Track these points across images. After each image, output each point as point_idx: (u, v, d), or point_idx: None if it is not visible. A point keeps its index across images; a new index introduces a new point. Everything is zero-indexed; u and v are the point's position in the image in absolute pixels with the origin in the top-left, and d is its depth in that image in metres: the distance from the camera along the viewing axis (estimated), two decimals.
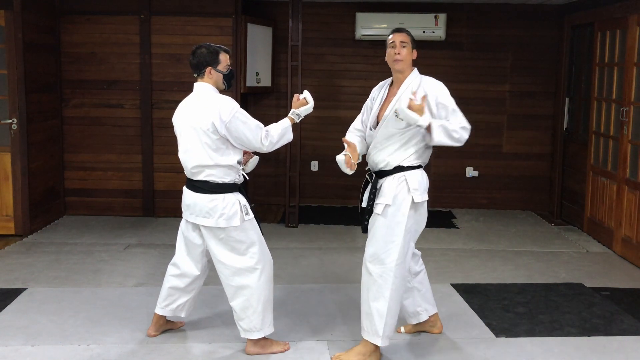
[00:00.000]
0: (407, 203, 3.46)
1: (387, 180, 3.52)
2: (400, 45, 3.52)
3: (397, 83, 3.61)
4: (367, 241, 3.54)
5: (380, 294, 3.44)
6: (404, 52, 3.51)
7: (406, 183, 3.47)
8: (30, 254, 5.44)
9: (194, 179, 3.51)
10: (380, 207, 3.49)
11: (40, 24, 6.25)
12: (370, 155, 3.64)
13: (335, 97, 7.39)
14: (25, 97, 5.88)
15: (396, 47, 3.52)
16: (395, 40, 3.53)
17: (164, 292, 3.76)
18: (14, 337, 3.76)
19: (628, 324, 4.10)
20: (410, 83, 3.53)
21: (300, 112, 3.67)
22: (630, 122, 5.55)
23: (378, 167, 3.58)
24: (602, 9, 6.09)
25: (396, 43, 3.53)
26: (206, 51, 3.48)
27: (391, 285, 3.43)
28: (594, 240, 6.16)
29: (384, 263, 3.44)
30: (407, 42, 3.53)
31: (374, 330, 3.46)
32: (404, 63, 3.53)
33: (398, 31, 3.57)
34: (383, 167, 3.55)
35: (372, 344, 3.50)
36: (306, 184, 7.42)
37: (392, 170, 3.51)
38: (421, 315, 3.83)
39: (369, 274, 3.49)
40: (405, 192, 3.46)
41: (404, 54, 3.51)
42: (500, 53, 7.27)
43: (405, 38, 3.54)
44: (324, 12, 7.27)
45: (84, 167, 6.78)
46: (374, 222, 3.53)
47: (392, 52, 3.54)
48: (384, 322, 3.44)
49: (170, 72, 6.62)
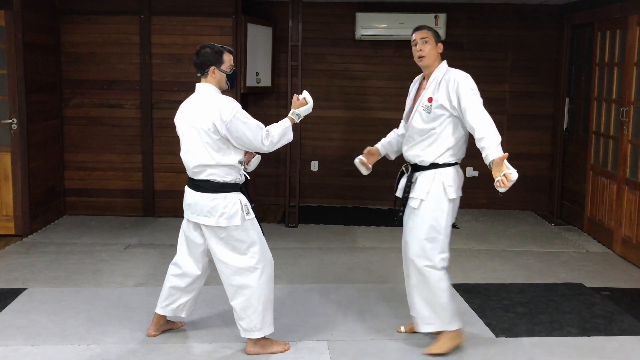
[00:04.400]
0: (444, 199, 3.53)
1: (423, 175, 3.59)
2: (422, 42, 3.56)
3: (427, 76, 3.66)
4: (408, 237, 3.61)
5: (435, 287, 3.55)
6: (427, 48, 3.56)
7: (441, 179, 3.53)
8: (30, 254, 5.44)
9: (195, 178, 3.52)
10: (416, 202, 3.56)
11: (40, 24, 6.25)
12: (405, 148, 3.71)
13: (335, 97, 7.39)
14: (25, 97, 5.88)
15: (418, 45, 3.57)
16: (416, 39, 3.59)
17: (164, 292, 3.77)
18: (14, 337, 3.76)
19: (628, 324, 4.10)
20: (436, 77, 3.56)
21: (300, 112, 3.67)
22: (630, 122, 5.55)
23: (413, 162, 3.65)
24: (602, 9, 6.09)
25: (417, 41, 3.58)
26: (210, 51, 3.49)
27: (441, 277, 3.56)
28: (594, 240, 6.16)
29: (432, 259, 3.55)
30: (428, 37, 3.56)
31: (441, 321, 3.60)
32: (428, 59, 3.57)
33: (418, 29, 3.62)
34: (418, 162, 3.61)
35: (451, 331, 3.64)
36: (306, 184, 7.42)
37: (427, 166, 3.57)
38: None
39: (418, 272, 3.58)
40: (440, 189, 3.53)
41: (426, 50, 3.56)
42: (500, 53, 7.27)
43: (426, 34, 3.58)
44: (324, 12, 7.27)
45: (84, 167, 6.78)
46: (410, 217, 3.60)
47: (415, 50, 3.60)
48: (450, 311, 3.60)
49: (170, 72, 6.62)
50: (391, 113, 7.38)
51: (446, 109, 3.50)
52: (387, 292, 4.63)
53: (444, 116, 3.51)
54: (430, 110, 3.53)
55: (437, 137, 3.54)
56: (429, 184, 3.54)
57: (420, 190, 3.56)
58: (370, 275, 5.03)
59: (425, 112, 3.54)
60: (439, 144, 3.55)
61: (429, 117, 3.53)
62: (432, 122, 3.54)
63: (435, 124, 3.53)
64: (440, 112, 3.51)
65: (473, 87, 3.48)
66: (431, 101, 3.54)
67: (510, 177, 3.23)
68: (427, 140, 3.56)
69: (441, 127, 3.53)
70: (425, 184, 3.55)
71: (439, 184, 3.54)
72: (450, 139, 3.54)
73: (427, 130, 3.55)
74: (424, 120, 3.55)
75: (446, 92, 3.49)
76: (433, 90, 3.55)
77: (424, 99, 3.58)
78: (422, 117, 3.56)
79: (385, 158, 4.02)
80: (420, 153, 3.59)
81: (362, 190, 7.51)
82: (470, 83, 3.49)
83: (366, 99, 7.41)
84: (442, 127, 3.53)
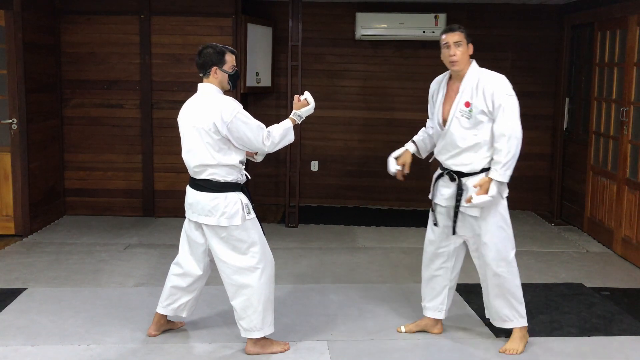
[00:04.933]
0: (502, 201, 3.55)
1: (474, 180, 3.54)
2: (455, 45, 3.49)
3: (456, 78, 3.60)
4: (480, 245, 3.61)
5: (512, 285, 3.64)
6: (459, 52, 3.49)
7: None
8: (30, 254, 5.44)
9: (196, 178, 3.52)
10: (477, 210, 3.53)
11: (40, 24, 6.25)
12: (445, 156, 3.63)
13: (335, 97, 7.39)
14: (25, 97, 5.88)
15: (451, 49, 3.50)
16: (449, 41, 3.50)
17: (165, 292, 3.77)
18: (14, 337, 3.76)
19: (628, 324, 4.10)
20: (471, 80, 3.51)
21: (301, 113, 3.67)
22: (630, 122, 5.55)
23: (457, 169, 3.58)
24: (602, 9, 6.09)
25: (450, 44, 3.50)
26: (212, 51, 3.49)
27: (516, 273, 3.65)
28: (594, 240, 6.16)
29: (508, 259, 3.61)
30: (461, 41, 3.50)
31: (520, 315, 3.68)
32: (460, 63, 3.51)
33: (451, 31, 3.53)
34: (467, 170, 3.55)
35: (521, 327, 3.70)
36: (306, 184, 7.42)
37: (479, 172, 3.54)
38: (441, 312, 3.87)
39: (497, 275, 3.62)
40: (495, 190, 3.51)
41: (459, 55, 3.50)
42: (500, 53, 7.27)
43: (459, 37, 3.50)
44: (324, 12, 7.27)
45: (84, 167, 6.77)
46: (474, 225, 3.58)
47: (447, 53, 3.52)
48: (522, 305, 3.69)
49: (170, 72, 6.62)
50: (391, 113, 7.39)
51: (486, 114, 3.47)
52: (387, 292, 4.63)
53: (485, 121, 3.48)
54: (470, 116, 3.48)
55: (484, 142, 3.51)
56: None
57: None
58: (370, 275, 5.03)
59: (464, 118, 3.48)
60: (486, 149, 3.52)
61: (469, 122, 3.48)
62: (473, 128, 3.49)
63: (478, 129, 3.49)
64: (482, 118, 3.48)
65: (509, 92, 3.47)
66: (469, 106, 3.48)
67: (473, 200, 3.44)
68: (473, 147, 3.51)
69: (484, 132, 3.49)
70: None
71: None
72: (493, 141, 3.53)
73: (469, 136, 3.50)
74: (465, 126, 3.50)
75: (483, 97, 3.45)
76: (470, 94, 3.49)
77: (460, 104, 3.51)
78: (462, 124, 3.50)
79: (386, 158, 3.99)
80: (469, 161, 3.53)
81: (362, 190, 7.51)
82: (506, 87, 3.48)
83: (366, 99, 7.41)
84: (485, 132, 3.49)
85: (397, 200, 7.48)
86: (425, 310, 3.90)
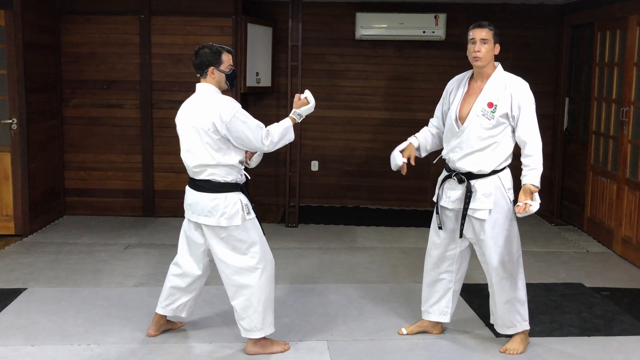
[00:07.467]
0: (509, 205, 3.53)
1: (482, 182, 3.51)
2: (481, 42, 3.45)
3: (478, 77, 3.56)
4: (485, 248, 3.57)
5: (514, 286, 3.61)
6: (484, 49, 3.46)
7: (501, 185, 3.51)
8: (30, 254, 5.44)
9: (196, 178, 3.52)
10: (484, 213, 3.50)
11: (40, 24, 6.25)
12: (455, 156, 3.57)
13: (335, 97, 7.39)
14: (25, 97, 5.87)
15: (476, 44, 3.46)
16: (475, 37, 3.47)
17: (165, 292, 3.77)
18: (14, 337, 3.76)
19: (628, 324, 4.10)
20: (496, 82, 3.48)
21: (301, 112, 3.67)
22: (630, 122, 5.55)
23: (467, 170, 3.53)
24: (602, 9, 6.09)
25: (476, 40, 3.46)
26: (209, 51, 3.49)
27: (519, 274, 3.63)
28: (594, 240, 6.16)
29: (513, 261, 3.61)
30: (488, 39, 3.46)
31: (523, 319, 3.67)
32: (484, 60, 3.48)
33: (479, 27, 3.49)
34: (476, 171, 3.51)
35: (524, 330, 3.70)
36: (306, 184, 7.42)
37: (487, 174, 3.51)
38: (446, 316, 3.85)
39: (500, 277, 3.59)
40: (503, 194, 3.51)
41: (483, 52, 3.46)
42: (500, 53, 7.22)
43: (487, 34, 3.47)
44: (324, 12, 7.27)
45: (84, 167, 6.77)
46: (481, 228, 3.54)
47: (472, 48, 3.48)
48: (525, 308, 3.67)
49: (170, 72, 6.62)
50: (391, 113, 7.39)
51: (507, 118, 3.45)
52: (387, 292, 4.63)
53: (505, 124, 3.46)
54: (492, 117, 3.44)
55: (498, 144, 3.47)
56: (493, 193, 3.49)
57: (485, 201, 3.49)
58: (370, 275, 5.03)
59: (485, 118, 3.44)
60: (499, 151, 3.48)
61: (490, 123, 3.44)
62: (493, 130, 3.45)
63: (497, 131, 3.45)
64: (502, 120, 3.45)
65: (533, 101, 3.48)
66: (491, 106, 3.44)
67: (530, 208, 3.34)
68: (487, 148, 3.48)
69: (502, 135, 3.46)
70: (489, 192, 3.49)
71: (501, 190, 3.51)
72: (510, 146, 3.51)
73: (487, 137, 3.46)
74: (484, 126, 3.45)
75: (510, 101, 3.42)
76: (497, 96, 3.45)
77: (482, 104, 3.47)
78: (482, 124, 3.45)
79: (386, 158, 3.98)
80: (479, 162, 3.49)
81: (362, 190, 7.51)
82: (532, 96, 3.48)
83: (366, 99, 7.41)
84: (503, 135, 3.46)
85: (397, 200, 7.48)
86: (427, 314, 3.87)
